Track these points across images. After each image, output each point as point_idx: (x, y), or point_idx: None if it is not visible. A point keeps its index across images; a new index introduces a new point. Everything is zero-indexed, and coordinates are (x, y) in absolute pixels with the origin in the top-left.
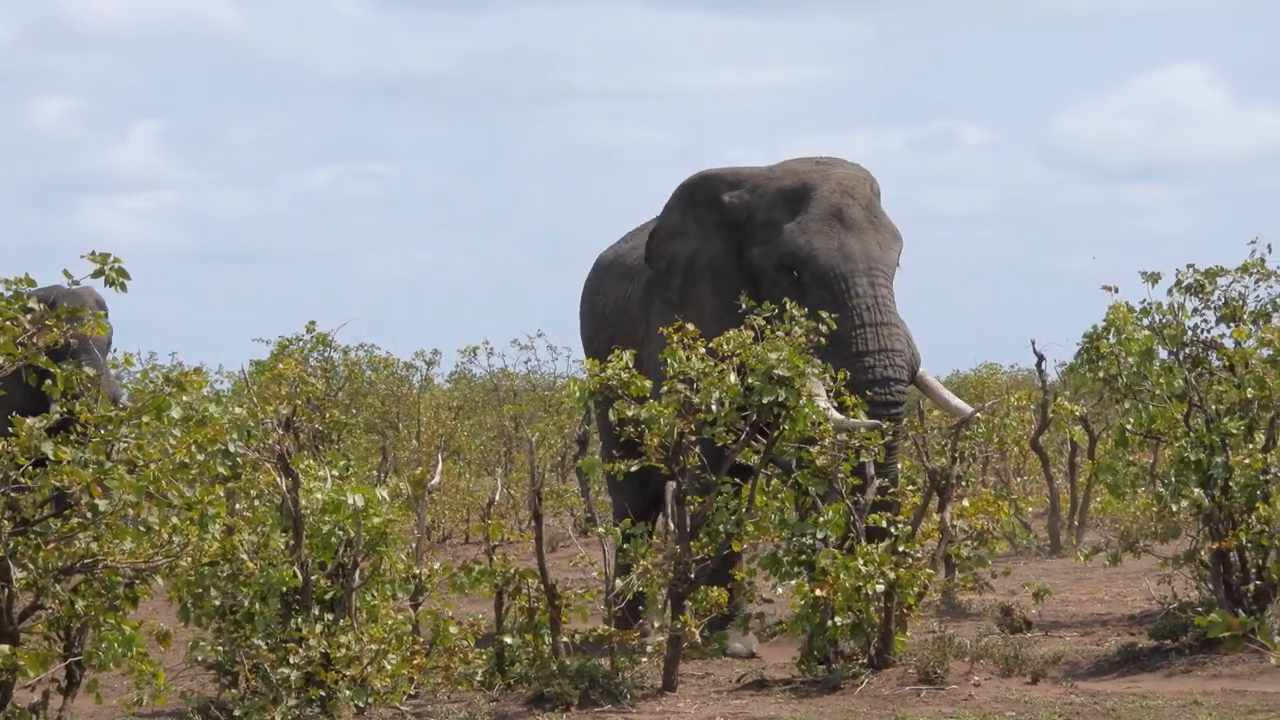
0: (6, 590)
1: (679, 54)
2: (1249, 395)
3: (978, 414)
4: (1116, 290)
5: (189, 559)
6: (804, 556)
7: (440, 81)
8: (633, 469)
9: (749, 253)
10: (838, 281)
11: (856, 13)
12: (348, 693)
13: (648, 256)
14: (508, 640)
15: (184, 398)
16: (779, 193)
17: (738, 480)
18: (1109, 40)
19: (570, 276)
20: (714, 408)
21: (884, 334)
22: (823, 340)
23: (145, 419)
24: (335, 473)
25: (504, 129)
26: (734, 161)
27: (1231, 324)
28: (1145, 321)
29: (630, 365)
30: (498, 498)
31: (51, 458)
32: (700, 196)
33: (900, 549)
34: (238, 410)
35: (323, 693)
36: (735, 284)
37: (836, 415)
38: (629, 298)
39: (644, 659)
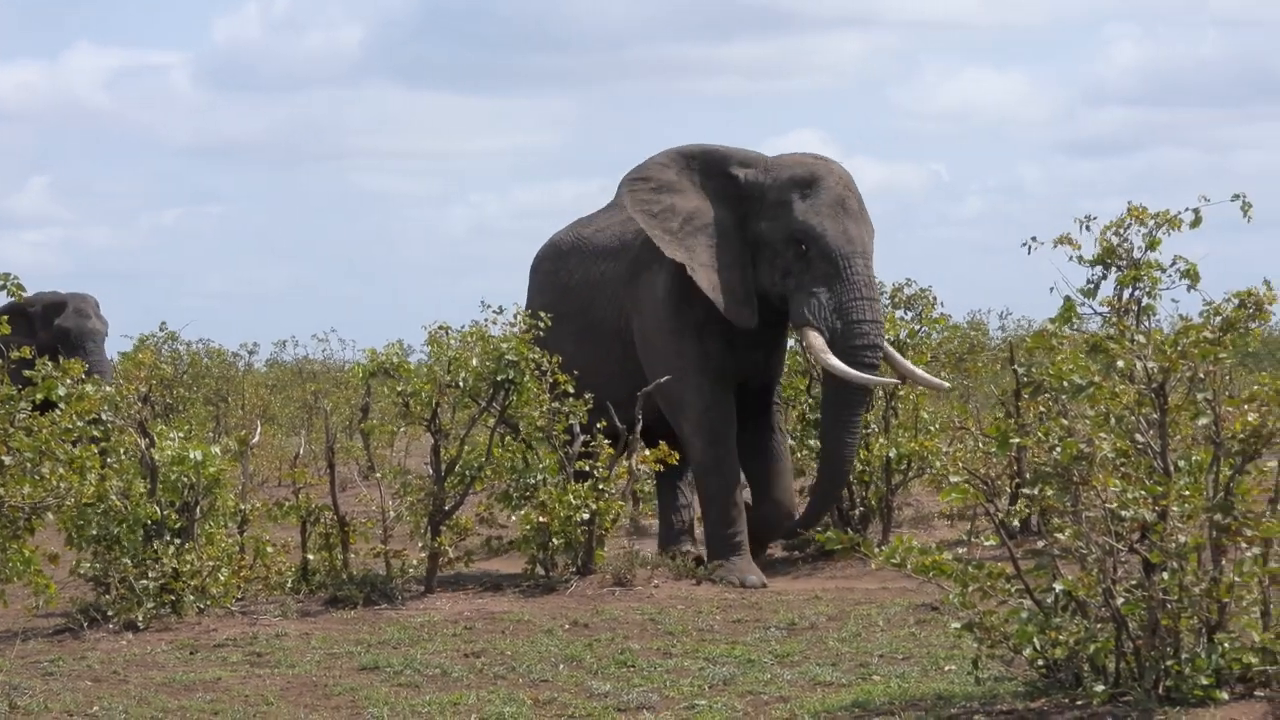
0: None
1: (434, 122)
2: None
3: (947, 386)
4: None
5: (72, 499)
6: (529, 493)
7: (255, 144)
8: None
9: (756, 225)
10: (841, 259)
11: (566, 92)
12: (191, 597)
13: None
14: (310, 557)
15: (67, 380)
16: (792, 178)
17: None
18: (753, 111)
19: (353, 290)
20: (461, 384)
21: (875, 308)
22: (541, 333)
23: (38, 397)
24: (181, 435)
25: (302, 179)
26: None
27: None
28: None
29: (401, 350)
30: (302, 452)
31: None
32: (701, 165)
33: (599, 487)
34: (108, 389)
35: (173, 597)
36: (733, 244)
37: (840, 365)
38: (604, 275)
39: (411, 570)
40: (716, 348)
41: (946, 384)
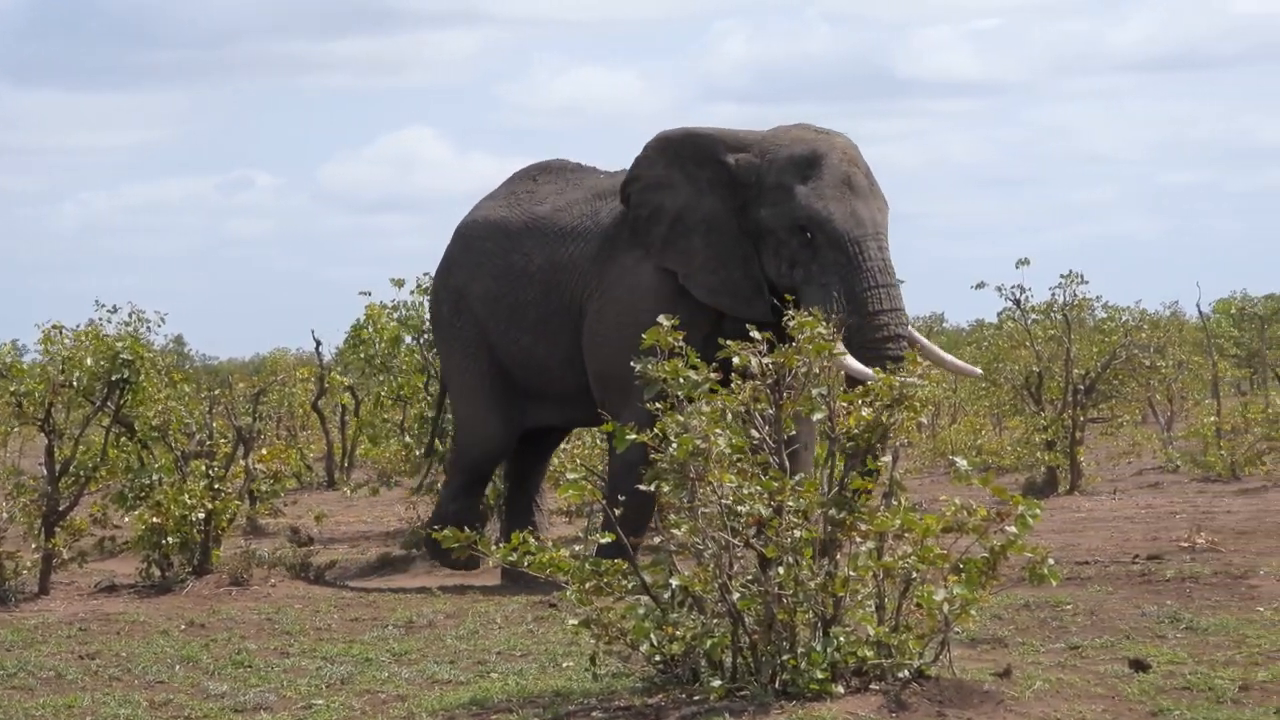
0: None
1: (42, 119)
2: None
3: (978, 372)
4: (370, 294)
5: None
6: (144, 493)
7: None
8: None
9: (755, 213)
10: (851, 245)
11: (176, 89)
12: None
13: (624, 200)
14: None
15: None
16: (790, 159)
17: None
18: (366, 107)
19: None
20: (75, 383)
21: (893, 295)
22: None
23: None
24: None
25: None
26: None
27: None
28: (395, 315)
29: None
30: None
31: None
32: (690, 153)
33: (215, 486)
34: None
35: None
36: (730, 238)
37: (858, 365)
38: (572, 257)
39: (24, 571)
40: (695, 342)
41: (977, 369)
